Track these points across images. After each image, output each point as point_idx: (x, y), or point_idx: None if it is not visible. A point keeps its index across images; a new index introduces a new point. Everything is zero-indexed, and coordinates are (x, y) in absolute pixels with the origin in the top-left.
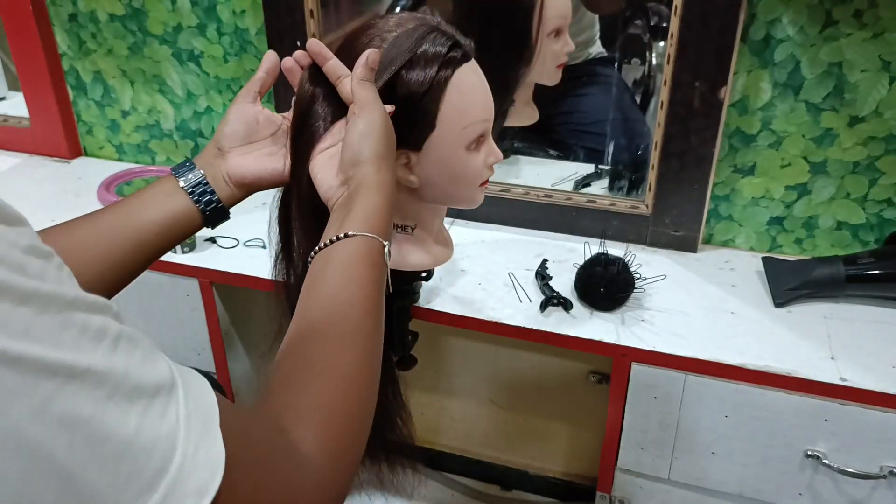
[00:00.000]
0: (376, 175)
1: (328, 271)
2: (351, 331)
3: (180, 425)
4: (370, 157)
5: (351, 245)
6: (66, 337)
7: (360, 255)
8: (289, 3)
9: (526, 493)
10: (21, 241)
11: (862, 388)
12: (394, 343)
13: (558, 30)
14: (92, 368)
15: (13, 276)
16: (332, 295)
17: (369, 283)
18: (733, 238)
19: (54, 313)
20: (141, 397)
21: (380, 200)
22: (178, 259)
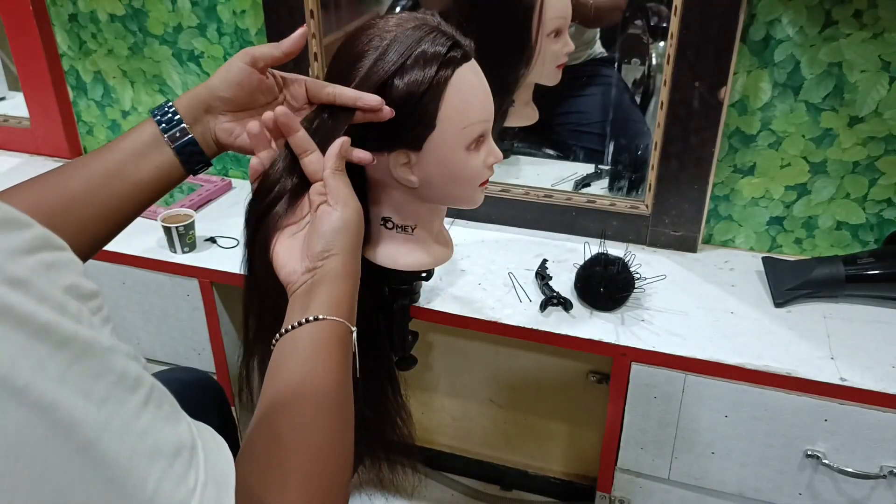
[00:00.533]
0: (343, 267)
1: (296, 353)
2: (324, 409)
3: (197, 490)
4: (341, 251)
5: (319, 328)
6: (99, 387)
7: (329, 338)
8: (289, 4)
9: (526, 493)
10: (63, 279)
11: (861, 387)
12: (394, 343)
13: (558, 30)
14: (117, 424)
15: (56, 316)
16: (301, 376)
17: (338, 366)
18: (733, 238)
19: (91, 359)
20: (161, 457)
21: (347, 288)
22: (178, 259)
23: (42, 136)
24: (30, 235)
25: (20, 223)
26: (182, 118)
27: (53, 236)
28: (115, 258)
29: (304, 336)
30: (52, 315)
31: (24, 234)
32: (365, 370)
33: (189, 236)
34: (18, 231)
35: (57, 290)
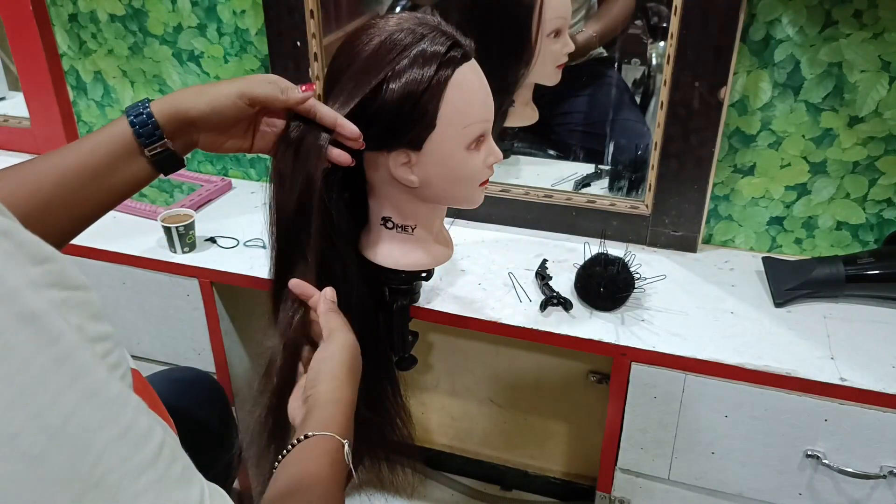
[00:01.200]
0: (332, 393)
1: (288, 470)
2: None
3: None
4: (327, 377)
5: (309, 444)
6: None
7: (319, 452)
8: (289, 3)
9: (526, 493)
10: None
11: (861, 387)
12: (394, 343)
13: (558, 30)
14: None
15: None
16: (292, 492)
17: (328, 479)
18: (733, 238)
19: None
20: None
21: (335, 411)
22: (178, 259)
23: (42, 136)
24: (49, 269)
25: (42, 257)
26: (163, 131)
27: (72, 272)
28: (115, 258)
29: (295, 454)
30: (59, 353)
31: (45, 268)
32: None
33: (189, 236)
34: (39, 265)
35: (60, 321)
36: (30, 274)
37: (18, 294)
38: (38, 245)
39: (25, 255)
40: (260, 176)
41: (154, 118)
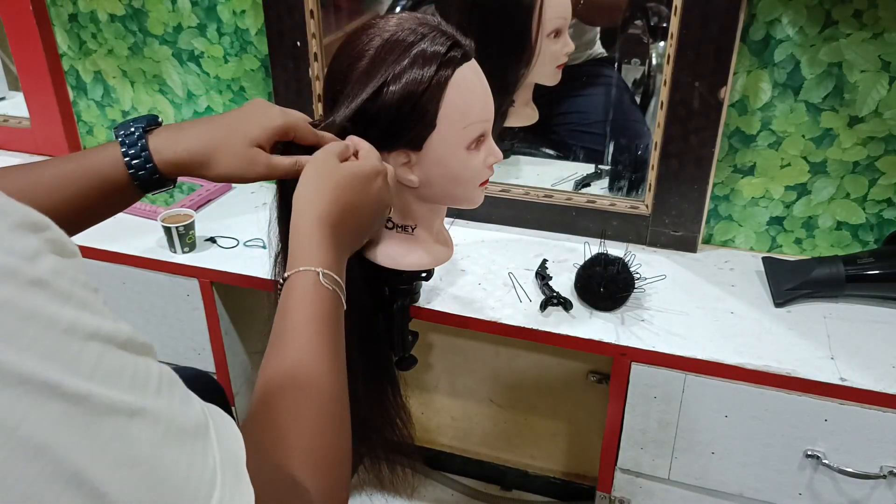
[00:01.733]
0: (304, 216)
1: (276, 320)
2: (308, 379)
3: (217, 469)
4: (301, 197)
5: (287, 287)
6: (124, 377)
7: (297, 293)
8: (289, 3)
9: (526, 493)
10: (79, 277)
11: (861, 387)
12: (394, 343)
13: (558, 30)
14: (146, 409)
15: (80, 313)
16: (281, 344)
17: (312, 322)
18: (733, 238)
19: (113, 352)
20: (186, 439)
21: (308, 235)
22: (178, 259)
23: (42, 136)
24: (48, 237)
25: (37, 225)
26: (161, 176)
27: (67, 240)
28: (115, 258)
29: (280, 303)
30: (76, 312)
31: (44, 236)
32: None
33: (189, 236)
34: (35, 233)
35: (77, 287)
36: (30, 245)
37: (23, 264)
38: (32, 214)
39: (18, 226)
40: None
41: (151, 162)
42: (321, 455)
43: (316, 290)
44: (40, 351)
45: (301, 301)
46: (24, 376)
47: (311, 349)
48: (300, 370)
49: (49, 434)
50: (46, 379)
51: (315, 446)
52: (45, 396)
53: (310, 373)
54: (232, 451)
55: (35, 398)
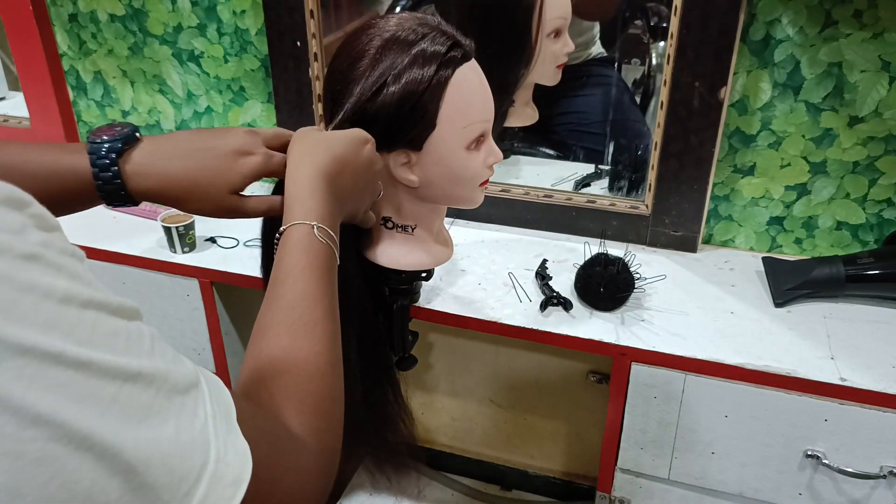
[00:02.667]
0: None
1: (272, 271)
2: (302, 324)
3: (209, 422)
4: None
5: (282, 242)
6: (118, 342)
7: (290, 244)
8: (289, 3)
9: (526, 493)
10: (67, 248)
11: (861, 387)
12: (394, 343)
13: (558, 31)
14: (142, 372)
15: (72, 283)
16: (275, 292)
17: (307, 271)
18: (733, 238)
19: (107, 319)
20: (177, 397)
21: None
22: (178, 259)
23: (42, 136)
24: (32, 212)
25: (21, 202)
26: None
27: (48, 215)
28: (115, 258)
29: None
30: (69, 283)
31: (29, 210)
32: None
33: (189, 236)
34: (21, 209)
35: (65, 258)
36: (16, 220)
37: (13, 239)
38: (15, 191)
39: (3, 203)
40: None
41: (126, 193)
42: (316, 399)
43: (311, 243)
44: (39, 322)
45: (296, 252)
46: (25, 347)
47: (305, 296)
48: (295, 314)
49: (54, 402)
50: (48, 349)
51: (309, 388)
52: (47, 365)
53: (304, 316)
54: (223, 404)
55: (38, 368)
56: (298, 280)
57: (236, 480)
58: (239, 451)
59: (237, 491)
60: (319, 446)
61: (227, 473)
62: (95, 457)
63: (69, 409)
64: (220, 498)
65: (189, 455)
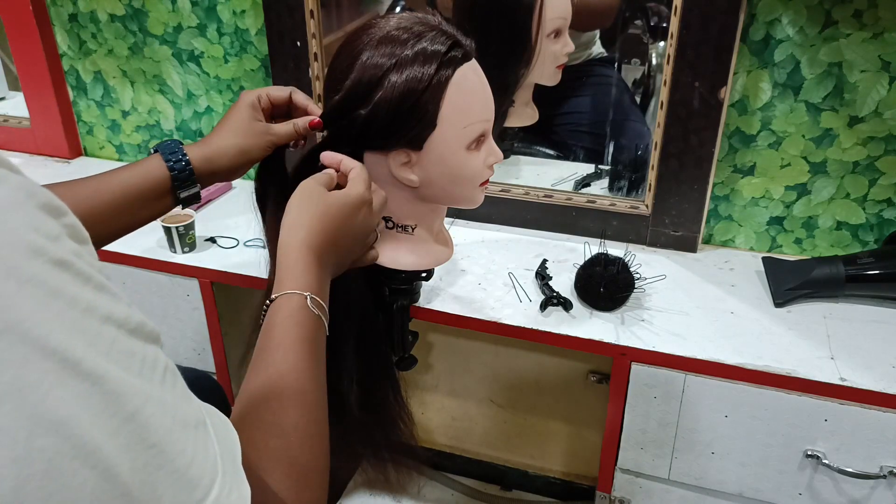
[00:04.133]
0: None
1: (261, 338)
2: (292, 392)
3: (218, 460)
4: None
5: (273, 308)
6: (135, 363)
7: (283, 315)
8: (289, 4)
9: (526, 493)
10: (95, 262)
11: (861, 387)
12: (394, 343)
13: (558, 31)
14: (153, 396)
15: (98, 295)
16: (265, 360)
17: (297, 342)
18: (733, 238)
19: (125, 337)
20: (189, 429)
21: (296, 258)
22: (178, 259)
23: (42, 136)
24: (66, 222)
25: (59, 210)
26: (197, 179)
27: (80, 226)
28: (115, 258)
29: (267, 319)
30: (94, 294)
31: (64, 220)
32: (365, 371)
33: (189, 236)
34: (58, 217)
35: (94, 271)
36: (53, 227)
37: (49, 244)
38: (53, 198)
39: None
40: None
41: (191, 166)
42: (304, 469)
43: (302, 314)
44: (66, 326)
45: (288, 322)
46: (50, 349)
47: (295, 367)
48: (285, 383)
49: (70, 410)
50: (70, 354)
51: (297, 455)
52: (68, 372)
53: (294, 386)
54: (229, 446)
55: (59, 373)
56: (289, 351)
57: None
58: (242, 494)
59: None
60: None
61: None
62: (99, 475)
63: (82, 420)
64: None
65: (191, 489)
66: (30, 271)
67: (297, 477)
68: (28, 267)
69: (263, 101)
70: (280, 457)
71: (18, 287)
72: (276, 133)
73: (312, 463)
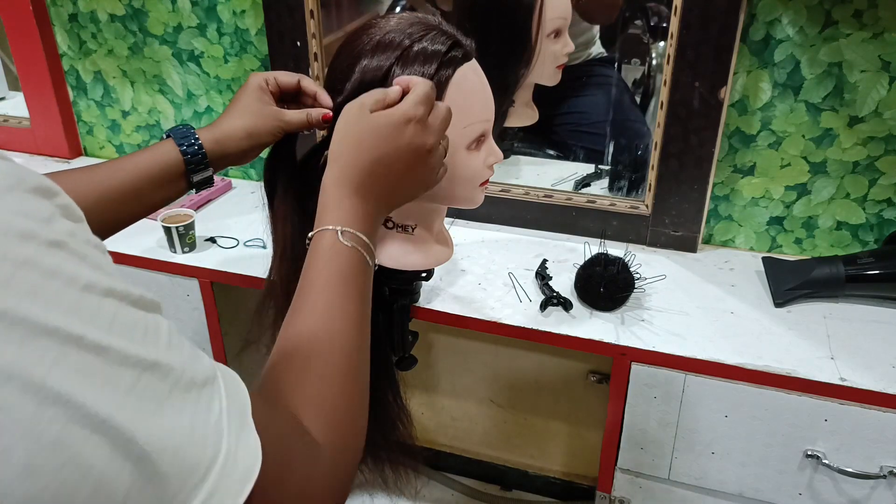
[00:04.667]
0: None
1: (301, 279)
2: (325, 333)
3: (223, 417)
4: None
5: (311, 248)
6: (137, 332)
7: (316, 252)
8: (289, 4)
9: (526, 493)
10: (91, 239)
11: (861, 387)
12: (394, 343)
13: (558, 31)
14: (159, 363)
15: (95, 272)
16: (300, 301)
17: (332, 279)
18: (733, 238)
19: (127, 309)
20: (193, 389)
21: (329, 194)
22: (178, 259)
23: (42, 136)
24: (59, 202)
25: (49, 191)
26: (210, 162)
27: (74, 206)
28: (115, 258)
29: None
30: (92, 271)
31: (56, 201)
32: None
33: (189, 236)
34: (49, 198)
35: (89, 248)
36: (45, 208)
37: (41, 227)
38: (44, 180)
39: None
40: (260, 176)
41: (203, 150)
42: (334, 408)
43: (334, 249)
44: (63, 306)
45: (320, 261)
46: (49, 328)
47: (330, 306)
48: (316, 327)
49: (75, 384)
50: (70, 331)
51: (327, 399)
52: (69, 347)
53: (325, 329)
54: (239, 401)
55: (61, 349)
56: (323, 290)
57: (244, 477)
58: (250, 447)
59: (244, 487)
60: (332, 454)
61: (236, 469)
62: (111, 442)
63: (88, 393)
64: (228, 493)
65: (201, 448)
66: (23, 255)
67: (327, 417)
68: (21, 251)
69: (272, 84)
70: (309, 397)
71: (14, 270)
72: (286, 120)
73: (344, 403)
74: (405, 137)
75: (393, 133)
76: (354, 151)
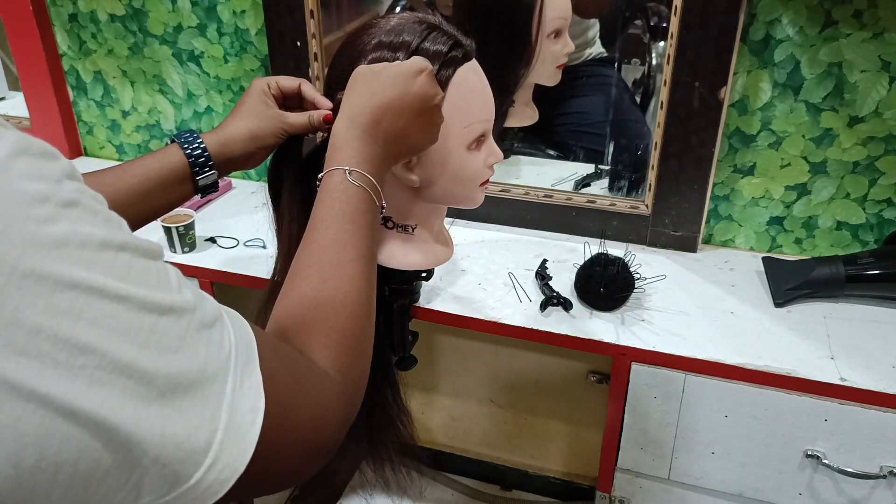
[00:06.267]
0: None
1: (311, 217)
2: (332, 265)
3: (231, 353)
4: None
5: (321, 187)
6: (151, 279)
7: (324, 192)
8: (289, 4)
9: (526, 493)
10: (97, 196)
11: (861, 387)
12: (394, 343)
13: (558, 31)
14: (174, 306)
15: (108, 228)
16: (309, 236)
17: (339, 215)
18: (733, 238)
19: (139, 260)
20: (206, 329)
21: (337, 138)
22: (178, 259)
23: (42, 136)
24: (63, 164)
25: (54, 155)
26: (214, 166)
27: (74, 166)
28: None
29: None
30: (105, 228)
31: (61, 163)
32: None
33: (189, 236)
34: (56, 161)
35: (97, 204)
36: (54, 169)
37: (54, 188)
38: (48, 146)
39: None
40: (260, 176)
41: (208, 152)
42: (341, 335)
43: (343, 188)
44: (84, 261)
45: (329, 198)
46: (74, 282)
47: (336, 240)
48: (326, 257)
49: (100, 333)
50: (93, 283)
51: (336, 326)
52: (94, 298)
53: (335, 259)
54: (244, 338)
55: (87, 301)
56: (331, 224)
57: (253, 408)
58: (254, 382)
59: (256, 417)
60: (342, 379)
61: (244, 402)
62: (136, 382)
63: (114, 338)
64: (242, 423)
65: (213, 383)
66: (42, 215)
67: (335, 344)
68: (39, 212)
69: (273, 87)
70: (316, 326)
71: (36, 228)
72: (289, 122)
73: (351, 329)
74: (415, 86)
75: (404, 80)
76: (365, 96)
